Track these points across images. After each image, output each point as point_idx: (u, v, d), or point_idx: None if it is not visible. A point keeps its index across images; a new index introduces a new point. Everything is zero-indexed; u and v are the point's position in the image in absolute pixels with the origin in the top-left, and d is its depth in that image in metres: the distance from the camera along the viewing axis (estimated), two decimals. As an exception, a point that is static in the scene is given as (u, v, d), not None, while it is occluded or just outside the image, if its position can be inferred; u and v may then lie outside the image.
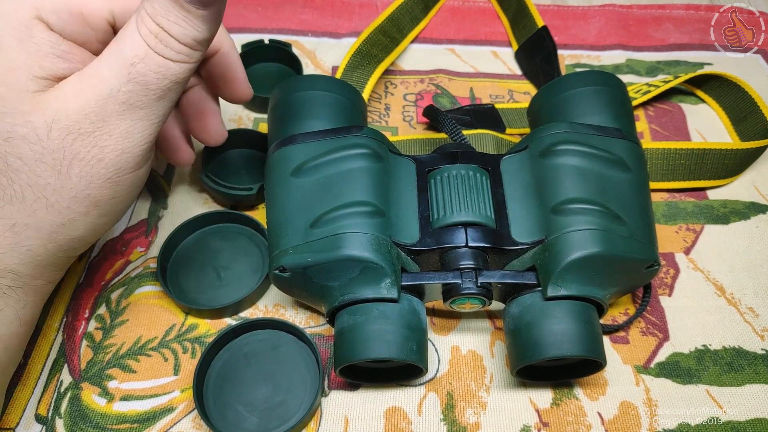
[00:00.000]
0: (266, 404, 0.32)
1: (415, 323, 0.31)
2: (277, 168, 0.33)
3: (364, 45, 0.46)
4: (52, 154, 0.25)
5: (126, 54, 0.24)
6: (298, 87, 0.36)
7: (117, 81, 0.24)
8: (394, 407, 0.33)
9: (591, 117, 0.35)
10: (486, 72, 0.50)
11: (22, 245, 0.26)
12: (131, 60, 0.24)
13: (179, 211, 0.40)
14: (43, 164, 0.25)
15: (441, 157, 0.34)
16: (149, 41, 0.24)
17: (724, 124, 0.47)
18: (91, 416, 0.32)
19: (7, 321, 0.27)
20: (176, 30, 0.24)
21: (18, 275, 0.27)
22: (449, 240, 0.31)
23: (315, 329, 0.36)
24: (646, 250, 0.31)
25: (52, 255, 0.27)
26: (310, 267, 0.30)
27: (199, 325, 0.36)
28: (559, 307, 0.30)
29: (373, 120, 0.46)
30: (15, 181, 0.25)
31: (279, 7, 0.54)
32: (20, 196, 0.25)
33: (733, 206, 0.42)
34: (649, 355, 0.35)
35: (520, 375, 0.32)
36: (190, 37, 0.24)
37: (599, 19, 0.55)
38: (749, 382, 0.34)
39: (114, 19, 0.26)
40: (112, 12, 0.26)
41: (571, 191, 0.31)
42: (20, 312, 0.27)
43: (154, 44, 0.24)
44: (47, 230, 0.26)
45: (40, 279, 0.28)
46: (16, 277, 0.27)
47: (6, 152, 0.25)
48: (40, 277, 0.28)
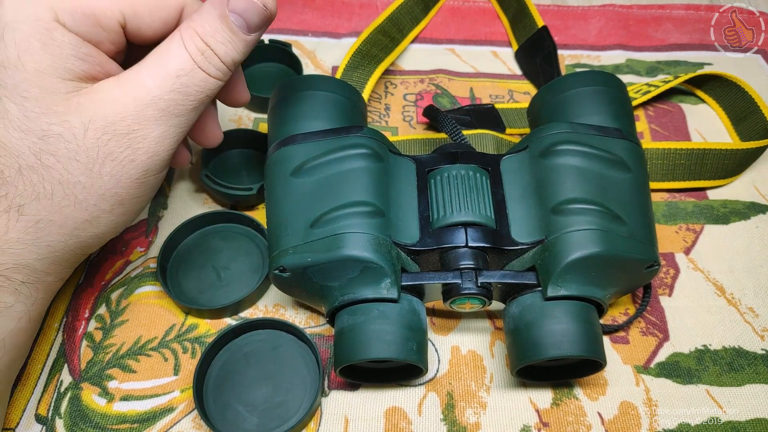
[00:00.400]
0: (266, 404, 0.32)
1: (415, 323, 0.31)
2: (277, 168, 0.33)
3: (364, 45, 0.46)
4: (86, 153, 0.26)
5: (171, 67, 0.26)
6: (298, 87, 0.36)
7: (160, 90, 0.26)
8: (394, 407, 0.33)
9: (591, 117, 0.35)
10: (486, 72, 0.50)
11: (42, 241, 0.27)
12: (176, 72, 0.26)
13: (179, 211, 0.40)
14: (76, 162, 0.26)
15: (441, 157, 0.34)
16: (196, 57, 0.27)
17: (724, 124, 0.47)
18: (91, 416, 0.32)
19: (17, 317, 0.27)
20: (221, 50, 0.27)
21: (32, 270, 0.27)
22: (449, 240, 0.31)
23: (315, 329, 0.36)
24: (646, 250, 0.31)
25: (70, 251, 0.28)
26: (310, 267, 0.30)
27: (199, 325, 0.36)
28: (559, 307, 0.30)
29: (373, 120, 0.46)
30: (46, 178, 0.26)
31: (279, 7, 0.54)
32: (49, 193, 0.26)
33: (733, 206, 0.42)
34: (649, 355, 0.35)
35: (520, 375, 0.32)
36: (231, 58, 0.27)
37: (599, 19, 0.55)
38: (749, 382, 0.34)
39: (125, 20, 0.27)
40: (123, 13, 0.27)
41: (571, 191, 0.31)
42: (30, 308, 0.28)
43: (199, 60, 0.27)
44: (71, 227, 0.27)
45: (53, 275, 0.28)
46: (30, 273, 0.27)
47: (40, 150, 0.25)
48: (53, 273, 0.28)
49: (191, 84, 0.27)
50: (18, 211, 0.26)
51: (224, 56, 0.27)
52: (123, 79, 0.27)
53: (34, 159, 0.25)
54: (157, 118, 0.27)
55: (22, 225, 0.26)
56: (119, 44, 0.28)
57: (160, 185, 0.30)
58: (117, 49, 0.28)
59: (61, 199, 0.26)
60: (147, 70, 0.27)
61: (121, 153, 0.26)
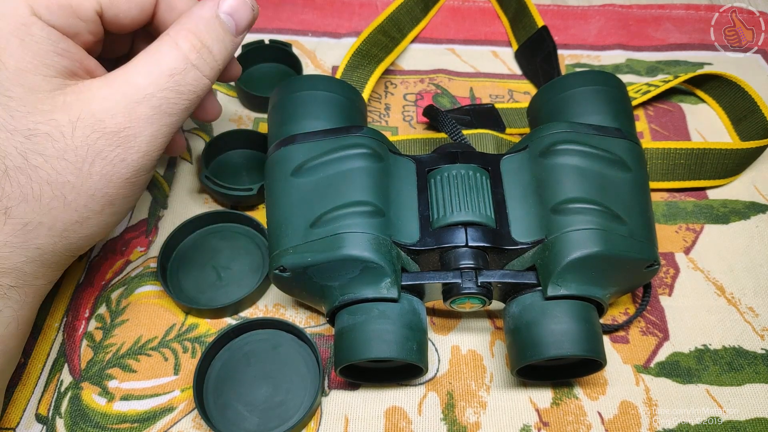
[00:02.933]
0: (266, 404, 0.32)
1: (416, 323, 0.31)
2: (277, 168, 0.33)
3: (364, 45, 0.46)
4: (75, 151, 0.25)
5: (164, 66, 0.26)
6: (298, 87, 0.36)
7: (153, 88, 0.26)
8: (394, 407, 0.33)
9: (591, 117, 0.35)
10: (486, 72, 0.50)
11: (31, 243, 0.26)
12: (170, 71, 0.26)
13: (179, 211, 0.40)
14: (64, 161, 0.25)
15: (441, 157, 0.34)
16: (191, 56, 0.27)
17: (723, 123, 0.47)
18: (92, 416, 0.32)
19: (5, 322, 0.27)
20: (216, 48, 0.27)
21: (21, 274, 0.27)
22: (449, 240, 0.31)
23: (315, 329, 0.36)
24: (645, 249, 0.31)
25: (60, 253, 0.28)
26: (310, 267, 0.30)
27: (199, 325, 0.36)
28: (559, 306, 0.30)
29: (373, 120, 0.46)
30: (34, 179, 0.25)
31: (279, 7, 0.54)
32: (37, 194, 0.25)
33: (733, 206, 0.42)
34: (649, 354, 0.35)
35: (520, 375, 0.32)
36: (223, 57, 0.28)
37: (599, 19, 0.55)
38: (749, 382, 0.34)
39: (101, 8, 0.27)
40: (99, 2, 0.27)
41: (570, 191, 0.31)
42: (18, 313, 0.27)
43: (194, 59, 0.27)
44: (60, 228, 0.26)
45: (42, 278, 0.28)
46: (19, 276, 0.27)
47: (27, 149, 0.25)
48: (42, 276, 0.28)
49: (184, 83, 0.27)
50: (5, 213, 0.25)
51: (218, 54, 0.28)
52: (111, 78, 0.26)
53: (21, 159, 0.25)
54: (149, 116, 0.26)
55: (9, 228, 0.25)
56: (97, 34, 0.28)
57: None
58: (95, 39, 0.28)
59: (49, 200, 0.26)
60: (137, 69, 0.26)
61: (112, 152, 0.26)
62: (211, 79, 0.28)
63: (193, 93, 0.27)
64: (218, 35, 0.27)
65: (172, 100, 0.27)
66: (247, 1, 0.29)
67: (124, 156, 0.26)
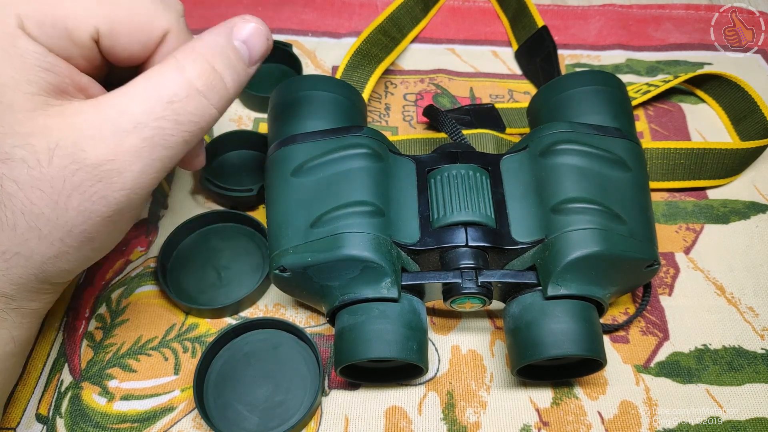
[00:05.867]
0: (266, 404, 0.32)
1: (416, 323, 0.31)
2: (277, 168, 0.33)
3: (364, 45, 0.46)
4: (50, 182, 0.23)
5: (164, 91, 0.23)
6: (298, 87, 0.36)
7: (146, 117, 0.23)
8: (395, 407, 0.33)
9: (591, 117, 0.35)
10: (486, 72, 0.50)
11: (12, 272, 0.24)
12: (169, 98, 0.23)
13: (179, 211, 0.40)
14: (39, 191, 0.23)
15: (441, 157, 0.34)
16: (197, 82, 0.24)
17: (723, 123, 0.47)
18: (92, 416, 0.32)
19: (2, 342, 0.26)
20: (229, 76, 0.25)
21: (11, 299, 0.25)
22: (449, 239, 0.31)
23: (315, 329, 0.36)
24: (645, 249, 0.31)
25: (42, 283, 0.26)
26: (310, 267, 0.30)
27: (200, 325, 0.36)
28: (559, 306, 0.30)
29: (373, 120, 0.46)
30: (8, 206, 0.23)
31: (279, 7, 0.54)
32: (12, 223, 0.23)
33: (733, 206, 0.42)
34: (649, 354, 0.35)
35: (521, 374, 0.32)
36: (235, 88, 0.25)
37: (599, 19, 0.55)
38: (749, 382, 0.34)
39: (98, 35, 0.24)
40: (97, 28, 0.24)
41: (570, 191, 0.31)
42: (15, 333, 0.26)
43: (200, 85, 0.24)
44: (38, 261, 0.24)
45: (36, 302, 0.27)
46: (10, 301, 0.25)
47: (2, 174, 0.23)
48: (36, 299, 0.27)
49: (184, 112, 0.24)
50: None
51: (230, 83, 0.25)
52: (102, 101, 0.23)
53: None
54: (138, 149, 0.23)
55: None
56: (93, 60, 0.25)
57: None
58: (91, 65, 0.25)
59: (24, 231, 0.23)
60: (132, 93, 0.23)
61: (91, 187, 0.23)
62: (219, 110, 0.25)
63: (194, 124, 0.24)
64: (231, 62, 0.25)
65: (167, 131, 0.23)
66: (262, 30, 0.26)
67: (105, 193, 0.23)
